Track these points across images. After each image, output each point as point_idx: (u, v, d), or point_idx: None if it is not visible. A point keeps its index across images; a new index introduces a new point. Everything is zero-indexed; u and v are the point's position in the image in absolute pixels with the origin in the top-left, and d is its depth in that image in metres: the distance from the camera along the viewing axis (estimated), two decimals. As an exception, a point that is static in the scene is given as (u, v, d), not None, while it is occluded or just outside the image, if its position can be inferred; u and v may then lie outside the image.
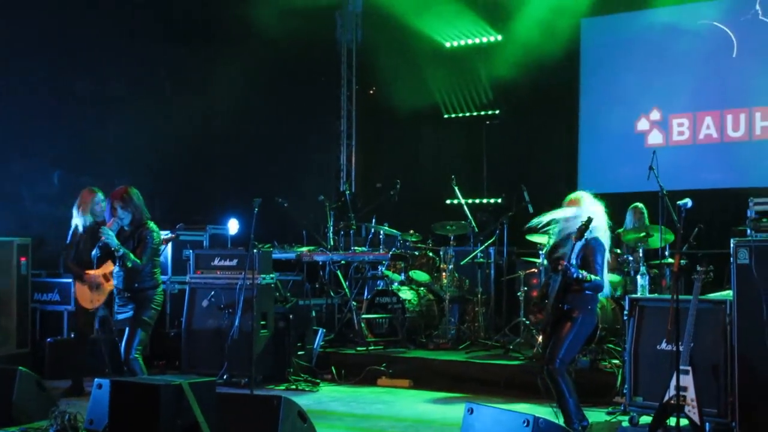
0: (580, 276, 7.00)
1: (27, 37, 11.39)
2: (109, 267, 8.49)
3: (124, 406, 5.79)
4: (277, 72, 14.05)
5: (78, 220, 9.23)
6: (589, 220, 7.08)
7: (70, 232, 9.36)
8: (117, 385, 5.93)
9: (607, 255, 7.33)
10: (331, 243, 12.32)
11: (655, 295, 8.87)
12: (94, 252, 7.98)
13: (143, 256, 7.83)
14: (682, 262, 6.95)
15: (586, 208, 7.28)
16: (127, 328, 7.71)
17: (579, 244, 7.07)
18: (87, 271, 8.99)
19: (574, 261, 7.03)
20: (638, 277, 8.86)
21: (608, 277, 7.41)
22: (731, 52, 12.40)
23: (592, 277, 7.06)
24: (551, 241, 7.61)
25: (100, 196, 9.17)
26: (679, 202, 7.05)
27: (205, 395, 5.85)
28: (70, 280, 10.55)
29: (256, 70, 13.58)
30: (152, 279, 7.97)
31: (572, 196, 7.46)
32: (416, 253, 12.22)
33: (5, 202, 11.20)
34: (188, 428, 5.65)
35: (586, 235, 7.09)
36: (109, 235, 7.71)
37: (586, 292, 7.19)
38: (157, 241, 7.97)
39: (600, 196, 7.54)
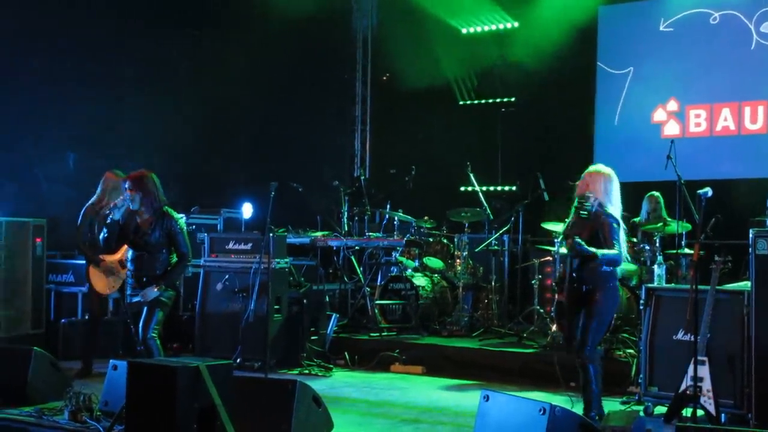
0: (589, 252, 6.94)
1: (42, 21, 11.37)
2: (122, 253, 8.46)
3: (141, 388, 5.78)
4: (292, 56, 14.03)
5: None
6: (586, 196, 7.05)
7: (82, 213, 9.37)
8: (134, 366, 5.92)
9: (623, 228, 7.23)
10: (346, 228, 12.32)
11: (672, 285, 8.82)
12: (101, 235, 7.91)
13: (182, 248, 7.75)
14: (701, 252, 6.90)
15: (595, 184, 7.21)
16: (145, 308, 7.67)
17: (587, 219, 7.02)
18: (103, 257, 9.01)
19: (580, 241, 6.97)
20: (655, 266, 8.83)
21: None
22: (750, 44, 12.32)
23: (603, 251, 6.99)
24: (568, 221, 7.55)
25: (119, 175, 9.17)
26: (699, 192, 7.00)
27: (223, 378, 5.84)
28: (84, 262, 10.57)
29: (272, 54, 13.56)
30: (169, 263, 7.91)
31: (587, 170, 7.37)
32: (430, 239, 12.20)
33: (20, 184, 11.21)
34: (205, 411, 5.65)
35: (598, 209, 7.04)
36: (151, 293, 7.66)
37: (604, 268, 7.11)
38: (184, 225, 7.90)
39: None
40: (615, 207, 7.27)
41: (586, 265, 7.12)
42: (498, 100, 14.92)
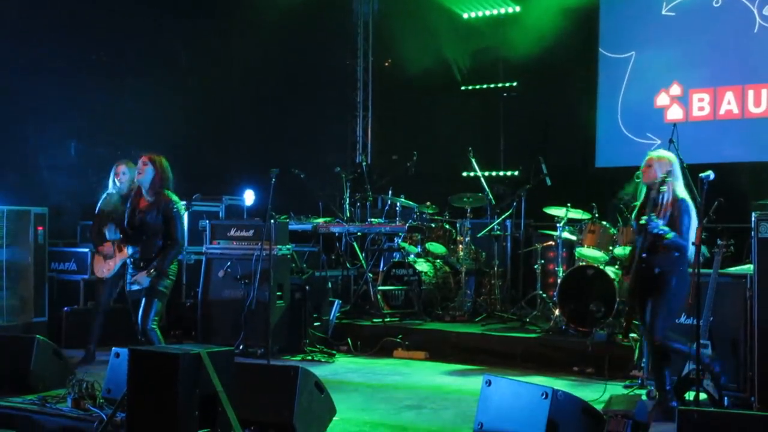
0: (660, 231, 6.88)
1: (43, 9, 11.34)
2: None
3: (143, 375, 5.78)
4: (293, 43, 13.98)
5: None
6: (668, 173, 7.01)
7: (99, 204, 9.40)
8: (135, 354, 5.91)
9: (695, 221, 7.13)
10: (348, 214, 12.31)
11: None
12: (109, 234, 7.91)
13: (179, 234, 7.71)
14: (703, 235, 6.86)
15: (665, 167, 7.18)
16: (143, 299, 7.67)
17: (665, 197, 7.01)
18: (105, 243, 9.10)
19: (654, 218, 6.93)
20: (687, 252, 8.76)
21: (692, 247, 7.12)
22: (753, 28, 12.26)
23: (672, 234, 6.92)
24: (637, 204, 7.47)
25: (125, 167, 9.18)
26: (701, 175, 6.97)
27: (224, 365, 5.84)
28: (86, 250, 10.61)
29: (273, 41, 13.52)
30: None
31: (652, 155, 7.32)
32: (433, 225, 12.18)
33: (22, 172, 11.21)
34: (207, 398, 5.65)
35: (674, 194, 7.00)
36: (143, 277, 7.65)
37: (674, 253, 7.04)
38: (183, 211, 7.89)
39: (617, 169, 7.48)
40: (685, 194, 7.24)
41: (657, 247, 7.06)
42: (500, 84, 14.86)
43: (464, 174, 13.96)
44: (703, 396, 6.99)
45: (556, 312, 9.96)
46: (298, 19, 13.59)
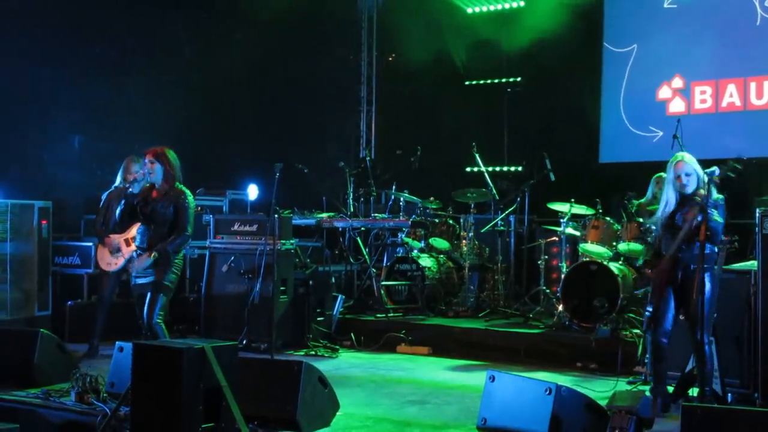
0: (714, 219, 6.73)
1: (47, 4, 11.34)
2: (132, 232, 8.49)
3: (147, 369, 5.78)
4: (297, 37, 13.97)
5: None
6: (710, 176, 6.85)
7: (104, 197, 9.41)
8: (139, 348, 5.92)
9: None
10: (351, 209, 12.30)
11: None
12: (118, 209, 7.91)
13: (187, 225, 7.71)
14: (707, 232, 6.85)
15: (696, 167, 7.09)
16: (148, 293, 7.68)
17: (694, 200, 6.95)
18: (110, 236, 9.11)
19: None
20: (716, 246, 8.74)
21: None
22: (755, 20, 12.24)
23: (718, 217, 6.79)
24: (666, 206, 7.33)
25: (137, 167, 9.17)
26: (706, 171, 6.96)
27: (228, 359, 5.84)
28: (90, 244, 10.62)
29: (277, 35, 13.51)
30: (174, 239, 7.91)
31: (678, 156, 7.19)
32: (436, 220, 12.17)
33: (26, 166, 11.22)
34: (211, 392, 5.65)
35: (712, 196, 6.88)
36: (142, 262, 7.65)
37: (708, 248, 6.84)
38: (193, 205, 7.88)
39: (621, 165, 7.45)
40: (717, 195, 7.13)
41: (692, 244, 6.94)
42: (504, 80, 14.85)
43: (468, 169, 13.96)
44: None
45: (560, 308, 9.95)
46: (302, 14, 13.58)
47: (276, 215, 9.74)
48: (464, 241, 11.74)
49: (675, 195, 7.14)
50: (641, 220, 10.20)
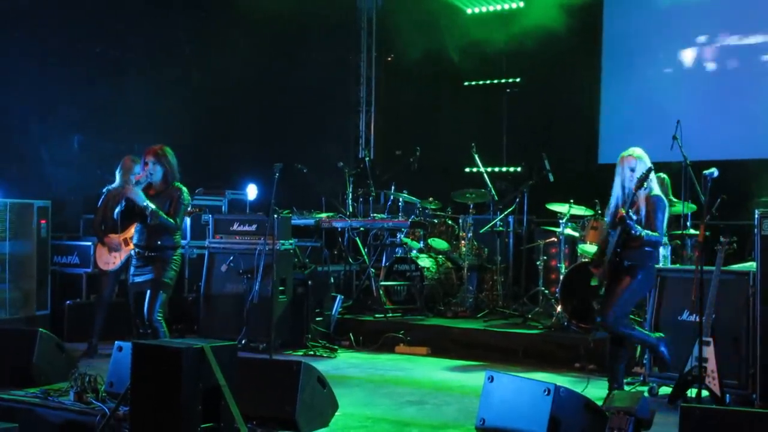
0: (635, 230, 6.96)
1: (48, 3, 11.33)
2: (131, 231, 8.50)
3: (146, 369, 5.78)
4: (296, 37, 13.98)
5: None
6: (649, 170, 7.05)
7: (103, 196, 9.41)
8: (138, 348, 5.92)
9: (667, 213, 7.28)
10: (350, 209, 12.31)
11: (677, 266, 8.81)
12: (117, 209, 7.94)
13: (176, 217, 7.83)
14: (706, 233, 6.88)
15: (643, 162, 7.21)
16: (148, 291, 7.70)
17: (639, 194, 7.08)
18: (109, 235, 9.12)
19: (633, 216, 7.00)
20: (660, 247, 8.78)
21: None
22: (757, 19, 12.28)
23: (646, 232, 7.01)
24: (615, 198, 7.46)
25: (137, 168, 9.17)
26: (705, 172, 6.98)
27: (227, 359, 5.83)
28: (89, 243, 10.61)
29: (276, 35, 13.52)
30: (173, 239, 7.96)
31: (627, 152, 7.33)
32: (435, 220, 12.19)
33: (25, 165, 11.21)
34: (210, 392, 5.65)
35: (648, 191, 7.07)
36: (137, 192, 7.67)
37: (646, 248, 7.14)
38: (188, 201, 7.96)
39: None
40: (659, 191, 7.31)
41: (630, 242, 7.12)
42: (503, 80, 14.86)
43: (467, 170, 13.97)
44: (704, 393, 7.00)
45: (558, 308, 9.94)
46: (302, 15, 13.57)
47: (275, 215, 9.74)
48: (463, 242, 11.74)
49: (620, 191, 7.31)
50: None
